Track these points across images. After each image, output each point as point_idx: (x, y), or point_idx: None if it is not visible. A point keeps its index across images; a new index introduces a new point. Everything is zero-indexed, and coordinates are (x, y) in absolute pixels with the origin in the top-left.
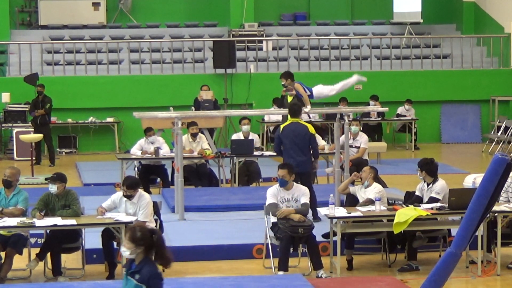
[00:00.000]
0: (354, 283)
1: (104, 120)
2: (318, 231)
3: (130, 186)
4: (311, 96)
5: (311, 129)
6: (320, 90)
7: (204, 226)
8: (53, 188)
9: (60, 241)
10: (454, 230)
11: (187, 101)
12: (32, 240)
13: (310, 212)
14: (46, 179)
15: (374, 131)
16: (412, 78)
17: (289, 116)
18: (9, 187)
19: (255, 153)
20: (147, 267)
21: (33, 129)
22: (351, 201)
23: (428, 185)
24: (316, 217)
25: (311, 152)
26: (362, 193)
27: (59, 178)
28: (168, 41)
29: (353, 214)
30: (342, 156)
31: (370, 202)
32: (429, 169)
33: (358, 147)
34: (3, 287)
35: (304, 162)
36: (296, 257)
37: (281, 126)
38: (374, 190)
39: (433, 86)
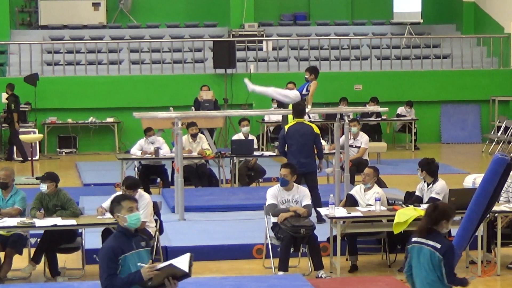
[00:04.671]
0: (354, 283)
1: (104, 120)
2: (319, 231)
3: (130, 186)
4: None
5: (316, 129)
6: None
7: (204, 226)
8: (43, 187)
9: (56, 242)
10: (454, 230)
11: (187, 101)
12: (32, 240)
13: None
14: (37, 178)
15: (373, 131)
16: (412, 78)
17: (292, 117)
18: (5, 188)
19: (255, 153)
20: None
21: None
22: (351, 201)
23: (428, 185)
24: (321, 219)
25: (316, 152)
26: (362, 195)
27: (49, 178)
28: (168, 41)
29: (353, 214)
30: (342, 156)
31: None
32: (430, 169)
33: (359, 147)
34: (3, 287)
35: (309, 163)
36: (296, 257)
37: (286, 127)
38: (374, 195)
39: (433, 86)
